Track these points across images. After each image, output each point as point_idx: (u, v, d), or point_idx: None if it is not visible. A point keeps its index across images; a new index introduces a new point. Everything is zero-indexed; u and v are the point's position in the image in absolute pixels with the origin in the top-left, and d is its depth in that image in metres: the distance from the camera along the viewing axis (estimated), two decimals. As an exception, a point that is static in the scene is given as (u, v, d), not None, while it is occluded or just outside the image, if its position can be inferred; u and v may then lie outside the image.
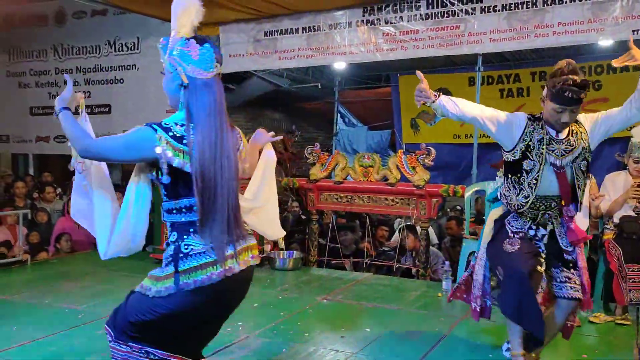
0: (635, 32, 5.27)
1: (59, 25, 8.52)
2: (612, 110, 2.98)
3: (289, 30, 6.88)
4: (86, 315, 4.22)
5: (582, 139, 2.97)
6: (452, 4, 5.90)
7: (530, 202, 3.00)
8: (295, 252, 6.15)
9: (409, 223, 6.28)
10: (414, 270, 5.84)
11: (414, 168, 5.54)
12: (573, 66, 2.85)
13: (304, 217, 6.95)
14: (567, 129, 2.97)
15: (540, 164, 2.95)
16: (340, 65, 9.01)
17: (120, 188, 3.20)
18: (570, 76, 2.78)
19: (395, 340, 3.83)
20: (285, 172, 10.06)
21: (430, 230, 6.15)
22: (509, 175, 3.07)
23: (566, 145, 2.96)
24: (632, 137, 4.40)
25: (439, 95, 3.16)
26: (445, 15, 5.97)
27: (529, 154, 2.96)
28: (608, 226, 4.47)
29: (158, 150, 2.04)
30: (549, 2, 5.56)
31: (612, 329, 4.11)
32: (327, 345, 3.70)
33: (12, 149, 9.53)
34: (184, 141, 2.06)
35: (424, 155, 5.48)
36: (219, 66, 2.18)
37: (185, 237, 2.09)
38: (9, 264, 5.80)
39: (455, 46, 6.01)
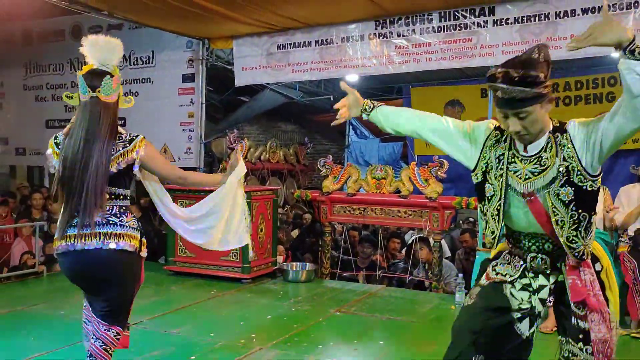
0: (649, 44, 5.27)
1: (76, 40, 8.65)
2: (604, 115, 2.10)
3: (301, 43, 6.93)
4: (101, 327, 4.25)
5: (563, 156, 2.14)
6: (465, 17, 5.93)
7: (497, 239, 2.30)
8: (308, 264, 6.17)
9: (421, 235, 6.28)
10: (427, 282, 5.83)
11: (426, 180, 5.55)
12: (518, 57, 2.13)
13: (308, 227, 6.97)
14: (542, 142, 2.18)
15: (501, 190, 2.25)
16: (352, 78, 9.04)
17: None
18: (499, 69, 2.07)
19: (409, 353, 3.83)
20: (297, 184, 10.11)
21: (443, 242, 6.14)
22: (480, 203, 2.40)
23: (535, 164, 2.19)
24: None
25: (373, 107, 2.64)
26: (458, 28, 5.99)
27: (487, 176, 2.31)
28: (623, 239, 4.44)
29: (47, 152, 2.80)
30: (561, 15, 5.56)
31: (627, 343, 4.07)
32: (341, 357, 3.71)
33: (29, 162, 9.65)
34: (59, 146, 2.71)
35: (436, 168, 5.49)
36: (92, 92, 2.70)
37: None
38: (25, 275, 5.87)
39: (468, 58, 6.02)
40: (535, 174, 2.18)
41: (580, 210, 2.14)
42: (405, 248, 6.72)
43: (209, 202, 3.04)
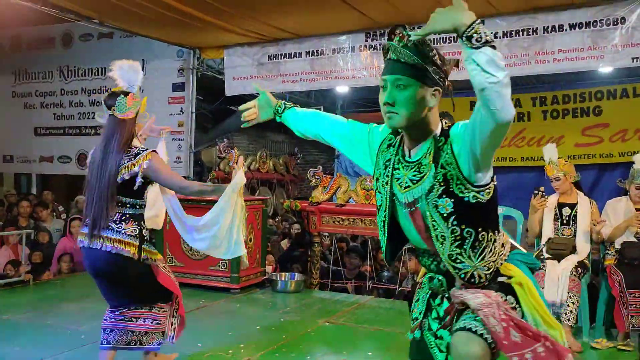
0: (635, 60, 5.36)
1: (66, 48, 8.64)
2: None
3: (292, 54, 6.98)
4: (88, 337, 4.22)
5: (442, 162, 1.88)
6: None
7: (386, 255, 2.12)
8: (297, 274, 6.16)
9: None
10: (415, 293, 5.84)
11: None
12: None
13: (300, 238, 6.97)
14: (425, 146, 1.95)
15: (386, 199, 2.02)
16: (342, 89, 9.10)
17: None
18: (399, 29, 1.94)
19: (398, 364, 3.83)
20: (287, 194, 10.11)
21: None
22: None
23: (415, 170, 1.94)
24: (633, 163, 4.45)
25: (284, 109, 2.46)
26: (447, 41, 6.06)
27: (377, 184, 2.10)
28: (609, 252, 4.50)
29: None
30: (549, 30, 5.65)
31: (614, 355, 4.10)
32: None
33: (16, 169, 9.58)
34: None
35: (426, 179, 5.52)
36: (109, 110, 3.07)
37: None
38: (11, 284, 5.81)
39: (457, 71, 6.07)
40: (414, 181, 1.92)
41: (463, 226, 1.86)
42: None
43: (212, 212, 3.16)
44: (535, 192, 4.47)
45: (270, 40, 6.95)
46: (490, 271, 1.94)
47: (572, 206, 4.52)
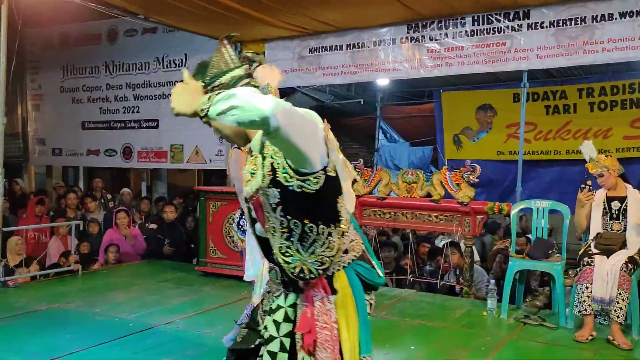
0: (689, 49, 5.16)
1: (111, 43, 8.83)
2: None
3: (333, 47, 6.95)
4: (136, 325, 4.34)
5: (272, 152, 1.82)
6: (499, 21, 5.88)
7: (262, 249, 2.04)
8: (337, 267, 6.15)
9: (452, 240, 6.23)
10: (457, 288, 5.78)
11: (458, 185, 5.50)
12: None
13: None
14: (257, 137, 1.92)
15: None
16: (382, 82, 9.05)
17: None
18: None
19: (440, 358, 3.81)
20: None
21: (473, 247, 6.08)
22: None
23: (253, 164, 1.92)
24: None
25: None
26: (491, 31, 5.94)
27: None
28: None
29: None
30: (599, 19, 5.47)
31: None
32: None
33: (64, 162, 9.86)
34: None
35: (468, 172, 5.45)
36: None
37: None
38: (61, 273, 6.00)
39: (501, 62, 5.97)
40: (252, 174, 1.89)
41: (289, 217, 1.78)
42: (434, 252, 6.68)
43: None
44: (582, 186, 4.36)
45: (311, 33, 6.94)
46: (324, 267, 1.84)
47: (622, 200, 4.39)
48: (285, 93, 9.38)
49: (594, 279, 4.11)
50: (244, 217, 3.24)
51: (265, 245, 1.96)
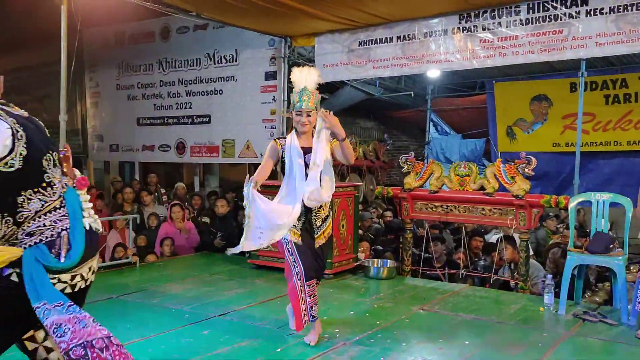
0: None
1: (164, 41, 9.03)
2: None
3: (383, 39, 6.90)
4: (191, 316, 4.43)
5: None
6: (555, 8, 5.70)
7: None
8: (389, 261, 6.14)
9: (505, 234, 6.10)
10: (512, 282, 5.67)
11: (513, 177, 5.38)
12: None
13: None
14: None
15: None
16: (433, 73, 8.92)
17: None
18: None
19: (496, 354, 3.74)
20: (376, 181, 10.08)
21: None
22: None
23: None
24: None
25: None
26: (547, 19, 5.77)
27: None
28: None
29: None
30: (663, 3, 5.24)
31: None
32: (426, 356, 3.67)
33: (121, 157, 10.17)
34: None
35: (523, 165, 5.32)
36: None
37: None
38: (120, 265, 6.20)
39: (558, 51, 5.79)
40: None
41: None
42: (488, 247, 6.56)
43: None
44: None
45: (360, 26, 6.91)
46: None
47: (689, 193, 4.20)
48: (335, 87, 9.39)
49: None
50: None
51: None
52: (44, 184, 2.20)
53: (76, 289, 2.27)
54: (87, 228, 2.31)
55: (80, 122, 10.12)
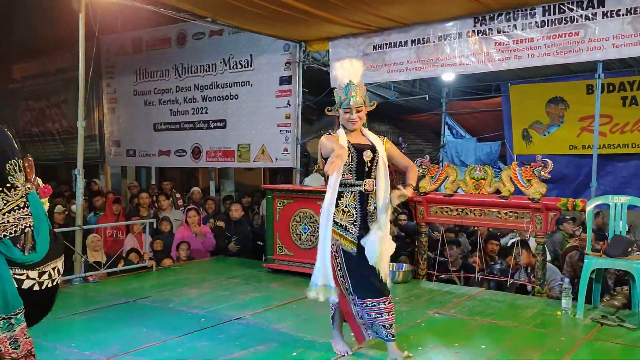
0: None
1: (180, 47, 9.11)
2: None
3: (397, 43, 6.90)
4: (207, 320, 4.46)
5: None
6: (571, 10, 5.66)
7: None
8: (404, 264, 6.13)
9: (520, 238, 6.06)
10: (529, 286, 5.62)
11: (529, 180, 5.35)
12: None
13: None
14: None
15: None
16: (448, 77, 8.90)
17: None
18: None
19: (513, 358, 3.71)
20: (391, 184, 10.06)
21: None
22: None
23: None
24: None
25: None
26: (563, 21, 5.73)
27: None
28: None
29: None
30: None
31: None
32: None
33: (138, 163, 10.28)
34: None
35: (539, 168, 5.28)
36: None
37: None
38: (136, 269, 6.26)
39: (574, 53, 5.74)
40: None
41: None
42: (504, 251, 6.53)
43: None
44: None
45: (375, 30, 6.93)
46: None
47: None
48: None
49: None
50: None
51: None
52: (8, 185, 2.45)
53: (43, 287, 2.53)
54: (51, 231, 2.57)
55: (98, 128, 10.24)
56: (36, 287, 2.52)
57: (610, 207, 4.75)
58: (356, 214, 3.45)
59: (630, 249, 4.53)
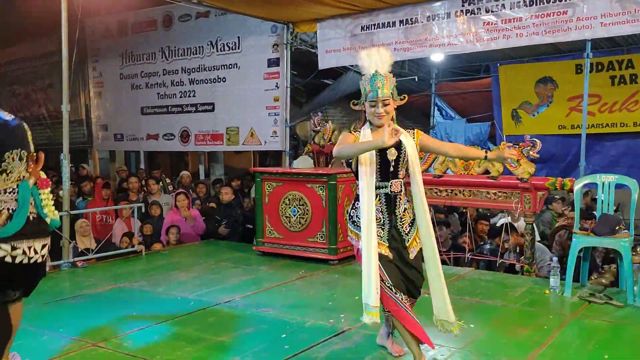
0: None
1: (166, 29, 8.99)
2: None
3: (385, 24, 6.85)
4: (197, 304, 4.46)
5: None
6: (559, -12, 5.63)
7: None
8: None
9: (509, 221, 6.07)
10: (517, 266, 5.66)
11: (517, 161, 5.34)
12: None
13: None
14: None
15: None
16: (437, 57, 8.86)
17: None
18: None
19: (501, 337, 3.74)
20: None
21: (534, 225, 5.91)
22: None
23: None
24: None
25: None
26: (552, 0, 5.70)
27: None
28: None
29: None
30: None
31: None
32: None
33: (126, 147, 10.18)
34: None
35: (528, 147, 5.28)
36: None
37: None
38: (126, 254, 6.23)
39: (563, 32, 5.72)
40: None
41: None
42: (493, 231, 6.55)
43: None
44: None
45: (363, 10, 6.86)
46: None
47: (695, 173, 4.16)
48: (339, 72, 9.35)
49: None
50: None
51: None
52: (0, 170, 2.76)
53: (16, 261, 2.78)
54: (35, 217, 2.86)
55: (85, 112, 10.12)
56: (8, 259, 2.75)
57: (598, 186, 4.77)
58: (383, 218, 3.16)
59: (617, 228, 4.56)
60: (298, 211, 5.90)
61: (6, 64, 11.54)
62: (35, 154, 2.93)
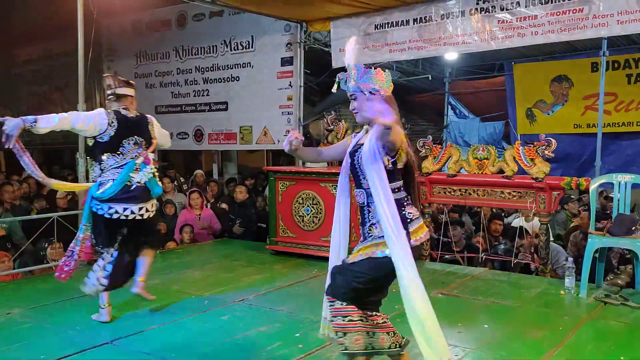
0: None
1: (180, 28, 9.04)
2: None
3: (399, 22, 6.82)
4: (211, 302, 4.48)
5: None
6: (575, -14, 5.58)
7: None
8: (407, 245, 6.11)
9: (523, 224, 6.03)
10: (532, 266, 5.62)
11: (532, 160, 5.31)
12: None
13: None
14: None
15: None
16: (451, 56, 8.81)
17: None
18: None
19: (516, 338, 3.72)
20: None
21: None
22: None
23: None
24: None
25: None
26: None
27: None
28: None
29: None
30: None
31: None
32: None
33: (140, 146, 10.23)
34: None
35: (543, 147, 5.25)
36: None
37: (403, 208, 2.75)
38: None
39: (579, 30, 5.66)
40: None
41: None
42: (507, 231, 6.52)
43: None
44: None
45: (376, 9, 6.84)
46: None
47: None
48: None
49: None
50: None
51: None
52: (118, 152, 3.83)
53: (121, 217, 3.83)
54: (135, 184, 3.86)
55: (100, 111, 10.19)
56: (115, 216, 3.82)
57: (614, 186, 4.72)
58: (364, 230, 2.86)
59: (634, 228, 4.51)
60: (311, 210, 5.91)
61: (23, 63, 11.67)
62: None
